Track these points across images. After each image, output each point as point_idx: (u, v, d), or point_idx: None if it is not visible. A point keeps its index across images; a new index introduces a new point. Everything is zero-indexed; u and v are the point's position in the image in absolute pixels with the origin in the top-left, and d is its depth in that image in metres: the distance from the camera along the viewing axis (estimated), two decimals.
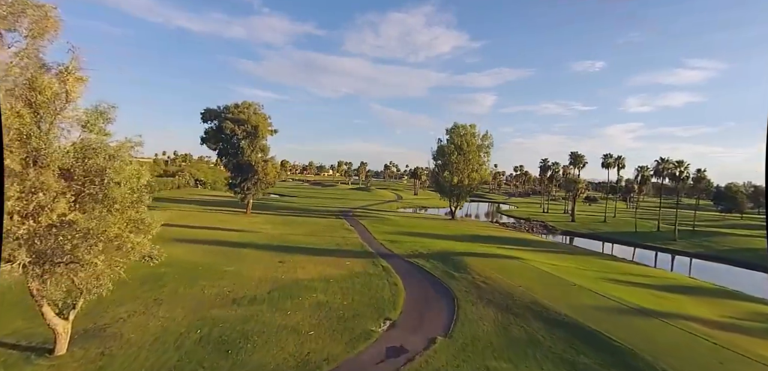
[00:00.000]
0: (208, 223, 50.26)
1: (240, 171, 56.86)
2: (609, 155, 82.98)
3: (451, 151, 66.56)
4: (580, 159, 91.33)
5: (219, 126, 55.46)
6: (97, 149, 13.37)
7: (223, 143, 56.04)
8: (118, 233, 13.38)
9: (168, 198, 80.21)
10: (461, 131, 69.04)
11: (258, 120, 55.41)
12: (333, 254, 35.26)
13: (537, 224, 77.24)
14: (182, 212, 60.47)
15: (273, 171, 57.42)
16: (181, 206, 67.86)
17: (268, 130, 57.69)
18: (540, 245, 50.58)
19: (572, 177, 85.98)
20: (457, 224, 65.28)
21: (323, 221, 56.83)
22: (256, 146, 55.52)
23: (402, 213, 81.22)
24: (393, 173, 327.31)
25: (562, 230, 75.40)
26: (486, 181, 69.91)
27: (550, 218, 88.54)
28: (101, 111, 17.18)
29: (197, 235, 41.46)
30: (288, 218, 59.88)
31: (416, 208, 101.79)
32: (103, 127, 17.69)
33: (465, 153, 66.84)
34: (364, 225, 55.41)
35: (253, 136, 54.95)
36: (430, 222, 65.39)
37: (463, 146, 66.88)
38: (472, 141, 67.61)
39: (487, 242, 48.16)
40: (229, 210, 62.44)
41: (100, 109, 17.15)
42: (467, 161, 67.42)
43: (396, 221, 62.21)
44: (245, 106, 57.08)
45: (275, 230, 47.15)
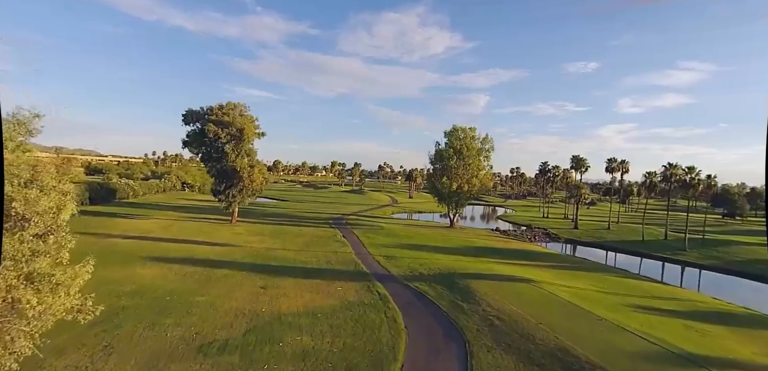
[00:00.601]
0: (189, 235, 46.11)
1: (224, 177, 52.72)
2: (613, 159, 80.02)
3: (449, 155, 62.98)
4: (581, 163, 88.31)
5: (201, 129, 51.27)
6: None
7: (206, 147, 51.85)
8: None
9: (152, 204, 75.72)
10: (460, 134, 65.48)
11: (244, 122, 51.29)
12: (323, 276, 31.40)
13: (539, 233, 73.94)
14: (163, 221, 56.24)
15: (260, 178, 53.34)
16: (164, 213, 63.52)
17: (254, 133, 53.57)
18: (548, 260, 47.18)
19: (575, 182, 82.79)
20: (457, 234, 61.72)
21: (314, 232, 52.89)
22: (242, 150, 51.40)
23: (397, 220, 77.54)
24: (387, 174, 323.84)
25: (566, 238, 72.20)
26: (486, 187, 66.36)
27: (551, 225, 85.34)
28: (20, 121, 13.38)
29: (174, 251, 37.38)
30: (276, 227, 55.84)
31: (412, 213, 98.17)
32: (24, 141, 13.90)
33: (464, 158, 63.29)
34: (357, 236, 51.60)
35: (238, 140, 50.83)
36: (428, 232, 61.75)
37: (463, 151, 63.32)
38: (471, 145, 64.08)
39: (492, 257, 44.61)
40: (213, 219, 58.25)
41: (19, 118, 13.34)
42: (467, 165, 63.89)
43: (392, 230, 58.48)
44: (230, 107, 52.93)
45: (261, 244, 43.15)
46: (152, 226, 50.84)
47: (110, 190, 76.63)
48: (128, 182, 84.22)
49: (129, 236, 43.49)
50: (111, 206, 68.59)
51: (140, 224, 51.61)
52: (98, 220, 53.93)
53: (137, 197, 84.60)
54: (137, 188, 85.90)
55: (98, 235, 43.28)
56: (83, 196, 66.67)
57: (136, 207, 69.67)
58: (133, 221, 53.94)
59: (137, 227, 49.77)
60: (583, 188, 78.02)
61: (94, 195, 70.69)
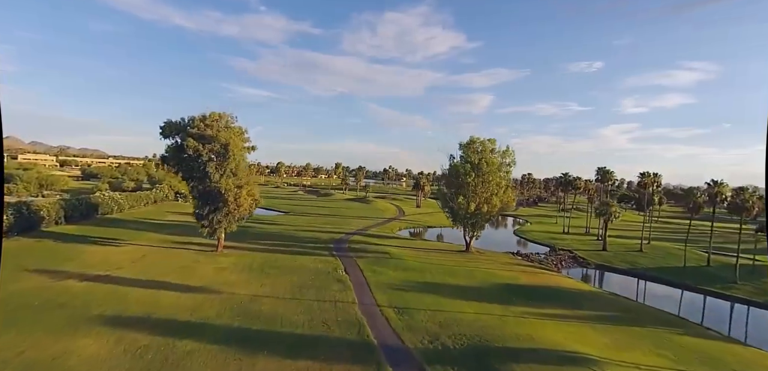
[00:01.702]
0: (162, 272, 38.85)
1: (207, 200, 45.44)
2: (646, 173, 72.01)
3: (466, 171, 55.22)
4: (608, 175, 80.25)
5: (180, 144, 44.01)
6: None
7: (186, 164, 44.57)
8: None
9: (136, 221, 68.70)
10: (478, 147, 57.74)
11: (229, 136, 43.93)
12: (317, 352, 23.92)
13: (565, 256, 66.09)
14: (139, 247, 49.13)
15: (248, 201, 45.96)
16: (144, 235, 56.40)
17: (243, 148, 46.23)
18: (591, 306, 39.35)
19: (605, 200, 74.72)
20: (476, 262, 54.02)
21: (311, 264, 45.35)
22: (227, 169, 44.01)
23: (406, 239, 69.94)
24: (392, 176, 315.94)
25: (596, 264, 64.22)
26: (508, 207, 58.46)
27: (575, 244, 77.39)
28: None
29: (136, 303, 30.11)
30: (268, 256, 48.45)
31: (421, 228, 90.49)
32: None
33: (483, 174, 55.57)
34: (361, 271, 44.09)
35: (222, 157, 43.49)
36: (442, 259, 54.10)
37: (482, 166, 55.57)
38: (491, 159, 56.34)
39: (525, 302, 36.91)
40: (197, 245, 50.92)
41: None
42: (486, 183, 56.16)
43: (401, 259, 50.88)
44: (214, 118, 45.60)
45: (246, 288, 35.73)
46: (122, 258, 43.66)
47: (91, 205, 69.71)
48: (113, 195, 77.29)
49: (88, 277, 36.32)
50: (88, 225, 61.70)
51: (109, 255, 44.45)
52: (64, 247, 46.99)
53: (123, 212, 77.74)
54: (123, 201, 78.95)
55: (52, 274, 36.24)
56: (58, 214, 59.91)
57: (116, 226, 62.68)
58: (103, 250, 46.84)
59: (105, 259, 42.61)
60: (613, 205, 69.94)
61: (71, 212, 63.84)
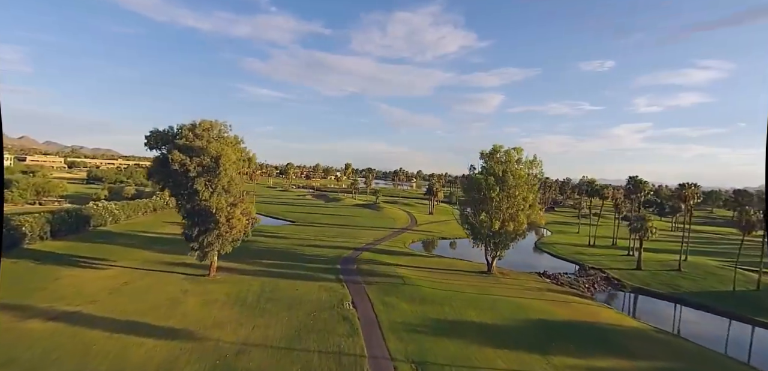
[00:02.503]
0: (141, 308, 33.57)
1: (196, 220, 40.08)
2: (686, 184, 64.82)
3: (489, 185, 48.97)
4: (640, 186, 73.13)
5: (165, 157, 38.71)
6: None
7: (173, 180, 39.26)
8: None
9: (128, 234, 63.98)
10: (502, 157, 51.50)
11: (221, 149, 38.44)
12: None
13: (598, 278, 59.38)
14: (123, 270, 44.08)
15: (242, 222, 40.42)
16: (133, 253, 51.42)
17: (237, 161, 40.73)
18: (648, 355, 32.86)
19: (639, 214, 67.64)
20: (501, 287, 47.80)
21: (315, 296, 39.57)
22: (218, 185, 38.54)
23: (421, 257, 63.91)
24: (402, 178, 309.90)
25: (632, 287, 57.35)
26: (536, 225, 51.86)
27: (605, 261, 70.49)
28: None
29: (98, 359, 24.74)
30: (267, 282, 42.92)
31: (435, 239, 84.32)
32: None
33: (509, 188, 49.32)
34: (371, 303, 38.27)
35: (213, 172, 38.02)
36: (462, 284, 47.99)
37: (507, 179, 49.32)
38: (517, 171, 50.05)
39: (568, 348, 30.64)
40: (189, 268, 45.55)
41: None
42: (511, 197, 49.88)
43: (417, 285, 44.91)
44: (204, 127, 40.22)
45: (235, 332, 30.16)
46: (101, 286, 38.51)
47: (81, 218, 65.12)
48: (107, 206, 72.70)
49: (55, 314, 31.21)
50: (75, 241, 57.01)
51: (87, 282, 39.36)
52: (42, 270, 42.16)
53: (118, 223, 73.17)
54: (118, 212, 74.37)
55: (16, 310, 31.32)
56: (42, 229, 55.27)
57: (106, 242, 57.91)
58: (83, 274, 41.79)
59: (80, 288, 37.51)
60: (650, 220, 62.97)
61: (58, 226, 59.27)
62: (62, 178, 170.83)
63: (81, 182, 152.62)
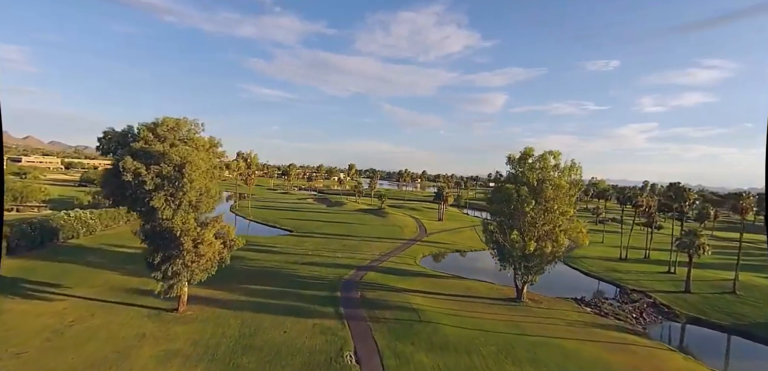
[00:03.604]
0: (75, 365, 25.22)
1: (159, 244, 31.68)
2: (742, 193, 55.66)
3: (523, 196, 40.14)
4: (684, 194, 63.86)
5: (116, 166, 30.32)
6: None
7: (127, 195, 30.85)
8: None
9: (97, 250, 55.75)
10: (536, 164, 42.70)
11: (187, 154, 29.97)
12: None
13: (645, 305, 50.41)
14: (78, 303, 35.83)
15: (215, 247, 31.86)
16: (96, 277, 43.14)
17: (208, 170, 32.24)
18: None
19: (689, 228, 58.39)
20: (537, 322, 39.02)
21: (307, 343, 30.92)
22: (183, 200, 30.11)
23: (436, 281, 55.14)
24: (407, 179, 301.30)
25: (688, 317, 48.28)
26: (578, 245, 42.77)
27: (646, 280, 61.44)
28: None
29: None
30: (248, 319, 34.47)
31: (447, 254, 75.51)
32: None
33: (547, 201, 40.54)
34: (379, 353, 29.68)
35: (176, 183, 29.55)
36: (491, 318, 39.26)
37: (545, 190, 40.52)
38: (557, 180, 41.20)
39: None
40: (154, 301, 37.09)
41: None
42: (549, 212, 41.08)
43: (436, 324, 36.19)
44: (168, 126, 31.86)
45: None
46: (37, 329, 30.22)
47: (48, 230, 57.10)
48: (81, 215, 64.64)
49: None
50: (35, 259, 48.96)
51: (23, 322, 31.12)
52: None
53: (92, 235, 65.13)
54: (94, 221, 66.30)
55: None
56: None
57: (70, 260, 49.81)
58: (22, 308, 33.59)
59: (9, 333, 29.27)
60: (702, 235, 53.85)
61: (19, 240, 51.35)
62: (56, 179, 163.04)
63: (74, 184, 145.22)
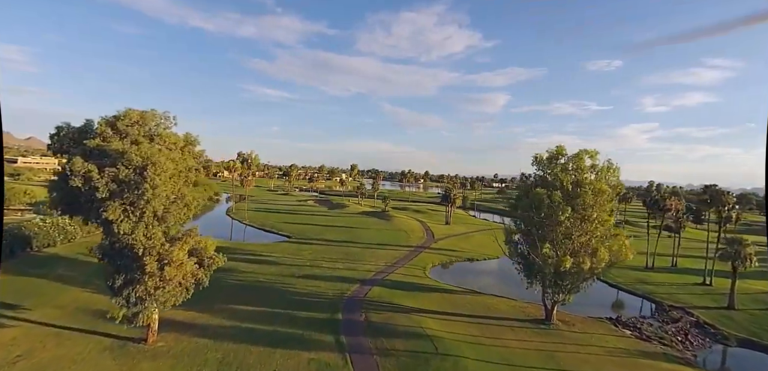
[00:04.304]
0: None
1: (119, 263, 25.90)
2: None
3: (556, 201, 34.11)
4: (721, 198, 57.65)
5: (63, 170, 24.55)
6: None
7: (78, 204, 25.07)
8: None
9: (74, 261, 50.02)
10: (570, 164, 36.75)
11: (150, 154, 24.11)
12: None
13: (686, 323, 44.35)
14: (32, 331, 30.22)
15: (186, 269, 25.93)
16: (62, 296, 37.39)
17: (178, 172, 26.38)
18: None
19: (734, 237, 52.14)
20: (574, 353, 33.00)
21: None
22: (145, 210, 24.28)
23: (450, 296, 49.20)
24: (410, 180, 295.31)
25: (738, 339, 42.16)
26: (620, 260, 36.47)
27: (681, 294, 55.37)
28: None
29: None
30: (232, 349, 28.67)
31: (457, 261, 69.51)
32: None
33: (584, 208, 34.52)
34: None
35: (136, 189, 23.68)
36: (520, 345, 33.28)
37: (582, 194, 34.48)
38: (597, 184, 35.15)
39: None
40: (122, 329, 31.24)
41: None
42: (586, 221, 35.06)
43: (456, 358, 30.18)
44: (131, 120, 26.08)
45: None
46: None
47: (19, 239, 51.55)
48: (57, 221, 58.97)
49: None
50: None
51: None
52: None
53: (71, 243, 59.47)
54: (72, 228, 60.60)
55: None
56: None
57: (38, 274, 44.12)
58: None
59: None
60: (748, 244, 47.71)
61: None
62: (20, 188, 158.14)
63: None
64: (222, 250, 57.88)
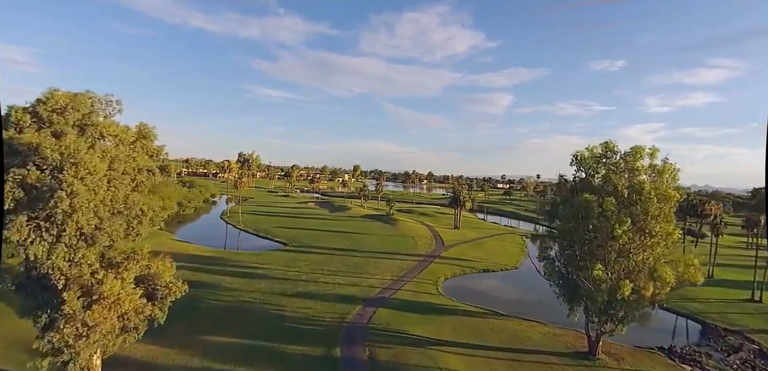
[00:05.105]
0: None
1: (40, 296, 19.21)
2: None
3: (610, 210, 27.12)
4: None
5: None
6: None
7: None
8: None
9: None
10: (622, 162, 29.87)
11: (71, 149, 17.38)
12: None
13: (749, 354, 37.30)
14: None
15: (128, 305, 19.13)
16: (3, 318, 30.80)
17: (118, 175, 19.65)
18: None
19: None
20: None
21: None
22: (66, 225, 17.56)
23: (469, 317, 42.26)
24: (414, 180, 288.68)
25: None
26: (689, 282, 29.44)
27: (731, 313, 48.39)
28: None
29: None
30: None
31: (472, 273, 62.51)
32: None
33: (648, 218, 27.57)
34: None
35: (48, 199, 16.93)
36: None
37: (644, 202, 27.51)
38: (663, 188, 28.20)
39: None
40: None
41: None
42: (646, 234, 28.10)
43: None
44: (56, 105, 19.37)
45: None
46: None
47: None
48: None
49: None
50: None
51: None
52: None
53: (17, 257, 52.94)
54: None
55: None
56: None
57: None
58: None
59: None
60: None
61: None
62: None
63: None
64: (206, 261, 50.91)
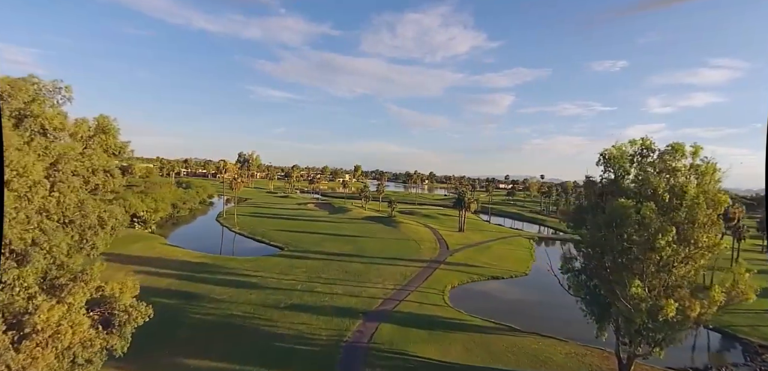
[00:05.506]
0: None
1: None
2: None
3: (649, 217, 23.40)
4: None
5: None
6: None
7: None
8: None
9: None
10: (658, 161, 26.17)
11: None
12: None
13: None
14: None
15: (60, 345, 15.40)
16: None
17: (54, 179, 15.98)
18: None
19: None
20: None
21: None
22: None
23: (482, 334, 38.50)
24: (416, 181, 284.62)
25: None
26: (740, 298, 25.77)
27: (763, 326, 44.67)
28: None
29: None
30: None
31: (481, 280, 58.75)
32: None
33: (695, 226, 23.88)
34: None
35: None
36: None
37: (689, 207, 23.81)
38: (713, 192, 24.54)
39: None
40: None
41: None
42: (690, 244, 24.38)
43: None
44: None
45: None
46: None
47: None
48: None
49: None
50: None
51: None
52: None
53: None
54: None
55: None
56: None
57: None
58: None
59: None
60: None
61: None
62: None
63: None
64: (196, 268, 46.96)
